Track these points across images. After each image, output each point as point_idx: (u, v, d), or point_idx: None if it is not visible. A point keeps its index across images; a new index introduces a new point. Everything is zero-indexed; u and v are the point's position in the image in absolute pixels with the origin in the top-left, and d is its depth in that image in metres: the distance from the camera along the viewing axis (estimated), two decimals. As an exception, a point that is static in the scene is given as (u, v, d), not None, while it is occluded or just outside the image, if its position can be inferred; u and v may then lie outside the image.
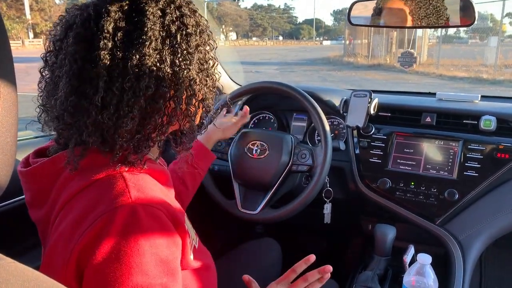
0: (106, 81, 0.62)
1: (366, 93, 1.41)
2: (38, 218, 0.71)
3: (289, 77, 14.73)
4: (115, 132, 0.64)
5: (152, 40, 0.62)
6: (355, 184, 1.41)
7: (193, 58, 0.67)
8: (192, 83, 0.68)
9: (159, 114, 0.66)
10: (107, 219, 0.58)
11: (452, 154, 1.31)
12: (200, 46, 0.69)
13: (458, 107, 1.40)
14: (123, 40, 0.62)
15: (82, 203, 0.62)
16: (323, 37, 69.47)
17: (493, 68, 13.33)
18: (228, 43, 44.63)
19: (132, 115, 0.63)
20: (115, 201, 0.60)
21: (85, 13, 0.64)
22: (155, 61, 0.63)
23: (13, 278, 0.39)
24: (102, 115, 0.62)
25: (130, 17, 0.63)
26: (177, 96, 0.67)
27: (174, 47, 0.65)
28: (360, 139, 1.44)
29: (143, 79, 0.62)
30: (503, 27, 15.76)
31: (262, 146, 1.30)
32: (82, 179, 0.64)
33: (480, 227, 1.25)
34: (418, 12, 1.21)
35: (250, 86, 1.40)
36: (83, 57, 0.62)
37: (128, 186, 0.62)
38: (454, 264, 1.22)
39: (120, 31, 0.62)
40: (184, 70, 0.66)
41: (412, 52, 9.82)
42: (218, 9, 59.71)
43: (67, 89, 0.63)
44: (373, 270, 1.24)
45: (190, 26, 0.67)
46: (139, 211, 0.60)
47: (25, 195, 0.73)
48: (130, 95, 0.62)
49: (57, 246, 0.62)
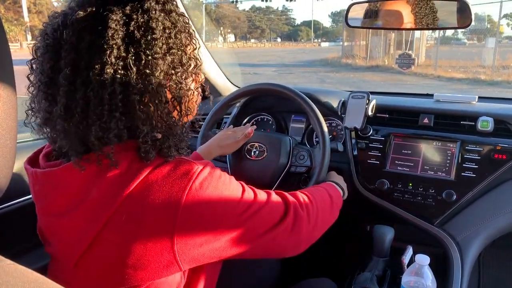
0: (67, 90, 0.63)
1: (364, 95, 1.41)
2: (65, 226, 0.69)
3: (287, 78, 14.75)
4: (86, 139, 0.65)
5: (114, 49, 0.62)
6: (353, 185, 1.41)
7: (160, 63, 0.66)
8: (160, 88, 0.67)
9: (142, 120, 0.66)
10: (190, 190, 0.65)
11: (449, 155, 1.31)
12: (174, 48, 0.68)
13: (455, 108, 1.40)
14: (86, 50, 0.63)
15: (150, 195, 0.65)
16: (321, 39, 69.44)
17: (491, 69, 13.37)
18: (226, 45, 44.67)
19: (101, 123, 0.63)
20: (188, 172, 0.67)
21: (55, 23, 0.65)
22: (118, 69, 0.63)
23: (13, 279, 0.39)
24: (68, 122, 0.64)
25: (94, 27, 0.63)
26: (148, 102, 0.66)
27: (139, 54, 0.64)
28: (358, 141, 1.44)
29: (106, 87, 0.62)
30: (500, 28, 15.84)
31: (261, 148, 1.30)
32: (133, 173, 0.66)
33: (478, 227, 1.26)
34: (415, 13, 1.22)
35: (248, 88, 1.40)
36: (51, 66, 0.64)
37: (189, 160, 0.70)
38: (452, 264, 1.22)
39: (83, 41, 0.63)
40: (149, 75, 0.65)
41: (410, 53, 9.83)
42: (216, 11, 59.72)
43: (40, 96, 0.65)
44: (372, 271, 1.24)
45: (158, 30, 0.65)
46: (207, 169, 0.69)
47: (44, 202, 0.71)
48: (97, 103, 0.63)
49: (131, 244, 0.65)
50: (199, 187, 0.66)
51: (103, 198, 0.64)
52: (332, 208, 1.04)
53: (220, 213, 0.69)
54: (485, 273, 1.72)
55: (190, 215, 0.65)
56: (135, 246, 0.64)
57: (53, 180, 0.68)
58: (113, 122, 0.64)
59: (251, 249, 0.75)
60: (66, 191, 0.67)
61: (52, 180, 0.69)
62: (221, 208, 0.69)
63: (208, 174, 0.68)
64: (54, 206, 0.70)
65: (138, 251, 0.64)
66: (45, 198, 0.71)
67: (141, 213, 0.64)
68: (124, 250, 0.64)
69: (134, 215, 0.64)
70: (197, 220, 0.66)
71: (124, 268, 0.65)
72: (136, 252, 0.64)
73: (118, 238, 0.64)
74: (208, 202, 0.67)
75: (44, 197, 0.71)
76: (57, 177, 0.68)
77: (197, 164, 0.68)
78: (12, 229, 1.05)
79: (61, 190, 0.68)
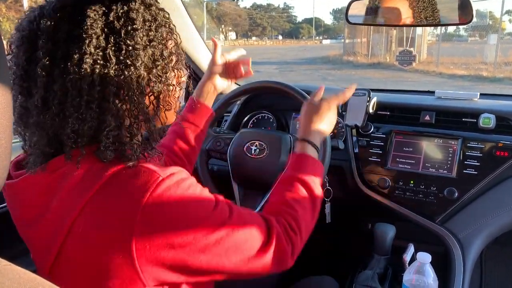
0: (45, 81, 0.61)
1: (364, 92, 1.40)
2: (34, 236, 0.68)
3: (288, 76, 14.73)
4: (60, 133, 0.63)
5: (93, 38, 0.61)
6: (354, 183, 1.41)
7: (141, 54, 0.64)
8: (140, 81, 0.65)
9: (112, 114, 0.63)
10: (150, 195, 0.61)
11: (451, 152, 1.31)
12: (154, 41, 0.67)
13: (457, 105, 1.40)
14: (64, 40, 0.61)
15: (109, 200, 0.61)
16: (322, 36, 69.47)
17: (493, 66, 13.33)
18: (227, 43, 44.63)
19: (79, 115, 0.62)
20: (148, 180, 0.62)
21: (31, 15, 0.64)
22: (98, 59, 0.61)
23: (9, 281, 0.39)
24: (44, 115, 0.62)
25: (73, 17, 0.62)
26: (124, 95, 0.64)
27: (119, 44, 0.62)
28: (359, 138, 1.43)
29: (85, 78, 0.60)
30: (502, 24, 15.80)
31: (261, 146, 1.30)
32: (92, 178, 0.62)
33: (480, 225, 1.25)
34: (416, 10, 1.21)
35: (249, 86, 1.40)
36: (27, 58, 0.62)
37: (150, 167, 0.64)
38: (454, 262, 1.22)
39: (61, 31, 0.61)
40: (130, 66, 0.63)
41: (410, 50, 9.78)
42: (217, 9, 59.67)
43: (16, 90, 0.63)
44: (373, 269, 1.24)
45: (138, 21, 0.64)
46: (174, 177, 0.64)
47: (14, 213, 0.71)
48: (75, 94, 0.61)
49: (94, 252, 0.61)
50: (159, 197, 0.61)
51: (64, 207, 0.62)
52: (314, 218, 0.93)
53: (183, 230, 0.63)
54: (488, 271, 1.72)
55: (149, 228, 0.60)
56: (97, 256, 0.61)
57: (16, 192, 0.68)
58: (89, 114, 0.62)
59: (220, 276, 0.70)
60: (28, 203, 0.66)
61: (15, 192, 0.68)
62: (184, 223, 0.63)
63: (174, 183, 0.63)
64: (20, 218, 0.70)
65: (100, 261, 0.61)
66: (13, 209, 0.71)
67: (100, 220, 0.61)
68: (89, 259, 0.62)
69: (94, 223, 0.61)
70: (156, 235, 0.61)
71: (91, 279, 0.62)
72: (98, 262, 0.61)
73: (82, 247, 0.62)
74: (169, 214, 0.62)
75: (13, 208, 0.71)
76: (18, 189, 0.67)
77: (163, 170, 0.63)
78: (9, 230, 1.04)
79: (24, 202, 0.67)
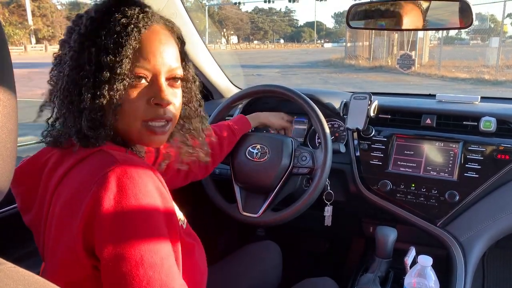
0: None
1: (366, 96, 1.41)
2: (30, 220, 0.74)
3: (290, 80, 14.74)
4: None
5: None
6: (355, 187, 1.41)
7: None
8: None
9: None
10: (100, 184, 0.61)
11: (452, 156, 1.31)
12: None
13: (458, 109, 1.40)
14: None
15: (75, 179, 0.65)
16: (324, 40, 69.38)
17: (495, 69, 13.32)
18: (229, 47, 44.71)
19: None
20: (106, 167, 0.63)
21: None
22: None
23: (14, 282, 0.39)
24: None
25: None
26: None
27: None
28: (360, 142, 1.44)
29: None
30: (504, 27, 15.75)
31: (263, 149, 1.30)
32: (69, 160, 0.68)
33: (481, 228, 1.25)
34: (416, 14, 1.22)
35: (250, 90, 1.40)
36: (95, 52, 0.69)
37: (116, 155, 0.66)
38: (456, 265, 1.21)
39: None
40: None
41: (410, 54, 9.82)
42: (219, 13, 59.80)
43: (88, 88, 0.70)
44: (374, 272, 1.24)
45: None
46: (130, 171, 0.63)
47: (16, 202, 0.76)
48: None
49: (62, 229, 0.64)
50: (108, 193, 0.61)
51: (43, 193, 0.70)
52: None
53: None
54: (489, 274, 1.71)
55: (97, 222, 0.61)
56: (59, 244, 0.65)
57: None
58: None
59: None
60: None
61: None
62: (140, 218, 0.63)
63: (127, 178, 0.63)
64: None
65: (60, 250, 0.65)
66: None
67: (59, 207, 0.65)
68: (56, 244, 0.66)
69: (57, 210, 0.66)
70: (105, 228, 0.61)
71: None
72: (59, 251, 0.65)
73: (53, 230, 0.66)
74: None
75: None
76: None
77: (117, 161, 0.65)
78: (14, 232, 1.05)
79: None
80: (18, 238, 1.05)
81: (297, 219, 1.25)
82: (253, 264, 1.26)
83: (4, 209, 1.05)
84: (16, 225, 0.81)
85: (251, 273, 1.23)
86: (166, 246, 0.64)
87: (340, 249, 1.91)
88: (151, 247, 0.61)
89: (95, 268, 0.62)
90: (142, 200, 0.62)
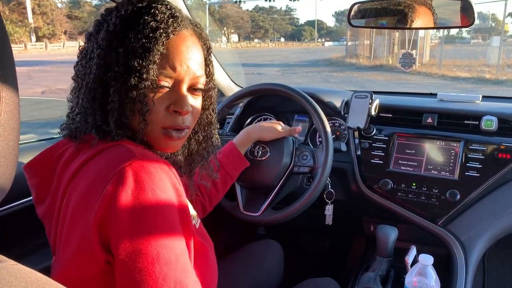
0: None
1: (367, 94, 1.41)
2: (43, 212, 0.74)
3: (291, 78, 14.73)
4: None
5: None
6: (356, 185, 1.41)
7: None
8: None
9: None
10: (117, 178, 0.60)
11: (453, 155, 1.31)
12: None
13: (459, 108, 1.40)
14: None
15: (92, 172, 0.65)
16: (325, 38, 69.34)
17: (496, 68, 13.30)
18: (230, 45, 44.68)
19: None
20: (123, 161, 0.62)
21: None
22: None
23: (15, 280, 0.39)
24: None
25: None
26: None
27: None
28: (361, 140, 1.44)
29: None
30: (505, 27, 15.71)
31: (264, 148, 1.30)
32: (86, 153, 0.68)
33: (482, 227, 1.25)
34: (418, 12, 1.21)
35: (251, 88, 1.40)
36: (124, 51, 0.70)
37: (133, 150, 0.65)
38: (456, 264, 1.21)
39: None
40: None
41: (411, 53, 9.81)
42: (219, 12, 59.76)
43: (116, 88, 0.70)
44: (375, 271, 1.24)
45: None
46: (148, 165, 0.63)
47: (32, 194, 0.76)
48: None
49: (75, 221, 0.64)
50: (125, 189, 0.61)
51: (57, 185, 0.70)
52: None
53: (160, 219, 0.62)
54: (490, 273, 1.71)
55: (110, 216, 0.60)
56: (73, 235, 0.64)
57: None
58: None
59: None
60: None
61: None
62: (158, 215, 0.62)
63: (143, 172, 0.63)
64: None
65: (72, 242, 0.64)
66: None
67: (73, 200, 0.65)
68: (69, 236, 0.65)
69: (72, 202, 0.65)
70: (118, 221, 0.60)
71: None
72: (71, 243, 0.64)
73: (66, 223, 0.66)
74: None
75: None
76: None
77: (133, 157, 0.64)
78: (16, 230, 1.06)
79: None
80: (21, 235, 1.05)
81: (298, 218, 1.25)
82: (255, 263, 1.26)
83: (6, 206, 1.05)
84: (18, 222, 0.82)
85: (253, 272, 1.23)
86: (181, 243, 0.64)
87: (341, 248, 1.91)
88: (167, 243, 0.61)
89: (108, 263, 0.62)
90: (159, 196, 0.62)
